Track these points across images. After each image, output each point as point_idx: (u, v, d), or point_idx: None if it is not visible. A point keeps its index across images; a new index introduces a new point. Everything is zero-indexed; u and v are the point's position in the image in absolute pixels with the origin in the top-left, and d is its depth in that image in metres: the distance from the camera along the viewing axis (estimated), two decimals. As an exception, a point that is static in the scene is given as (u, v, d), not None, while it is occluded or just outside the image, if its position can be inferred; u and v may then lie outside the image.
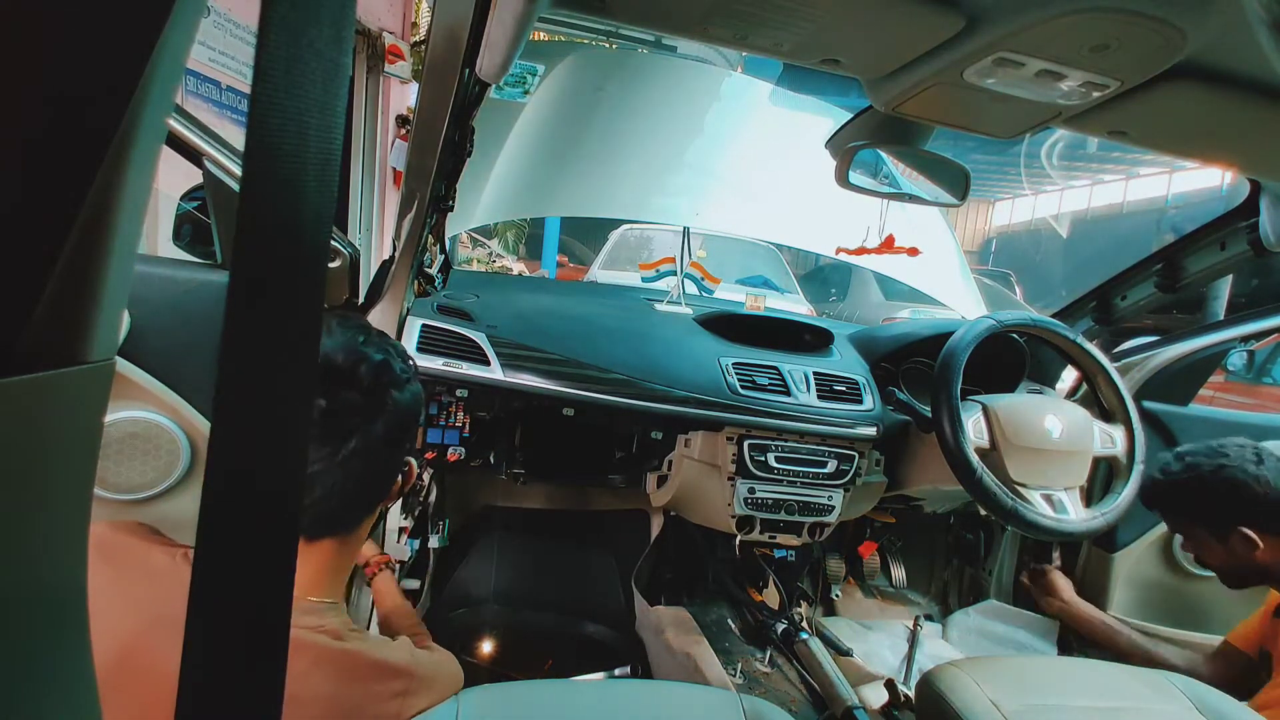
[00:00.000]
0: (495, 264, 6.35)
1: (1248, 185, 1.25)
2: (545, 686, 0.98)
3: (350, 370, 0.69)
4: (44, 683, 0.28)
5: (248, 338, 0.27)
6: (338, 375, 0.68)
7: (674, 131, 2.23)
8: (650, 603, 1.65)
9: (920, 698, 1.05)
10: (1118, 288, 1.60)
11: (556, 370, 1.34)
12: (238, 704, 0.29)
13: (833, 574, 1.93)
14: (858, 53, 0.81)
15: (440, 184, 1.15)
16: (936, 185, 1.29)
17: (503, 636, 1.76)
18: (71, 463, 0.28)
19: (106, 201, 0.25)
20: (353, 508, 0.73)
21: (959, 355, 1.32)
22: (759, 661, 1.55)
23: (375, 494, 0.76)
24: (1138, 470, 1.35)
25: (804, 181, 2.12)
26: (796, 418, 1.41)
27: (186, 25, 0.26)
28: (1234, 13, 0.61)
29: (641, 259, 3.89)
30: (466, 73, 0.85)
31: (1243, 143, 0.93)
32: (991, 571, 1.85)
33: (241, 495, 0.27)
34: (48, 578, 0.28)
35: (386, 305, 1.25)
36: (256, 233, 0.26)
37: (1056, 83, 0.76)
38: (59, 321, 0.25)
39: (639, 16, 0.80)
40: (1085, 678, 1.02)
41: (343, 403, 0.68)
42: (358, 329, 0.73)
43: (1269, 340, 5.26)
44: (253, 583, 0.28)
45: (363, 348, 0.70)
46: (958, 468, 1.28)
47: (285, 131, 0.26)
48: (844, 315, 5.94)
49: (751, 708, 0.72)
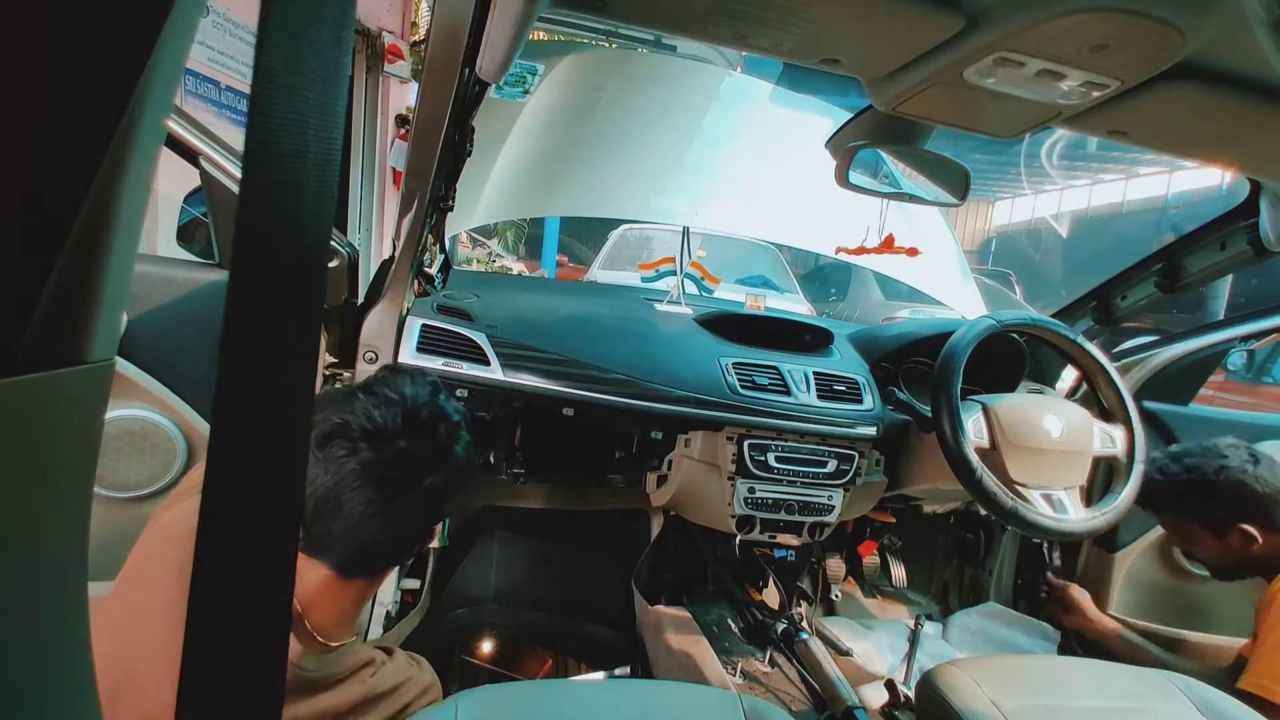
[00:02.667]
0: (495, 264, 6.35)
1: (1248, 185, 1.25)
2: (545, 686, 0.98)
3: (431, 424, 0.73)
4: (44, 683, 0.28)
5: (248, 338, 0.27)
6: (419, 427, 0.72)
7: (674, 131, 2.23)
8: (650, 603, 1.65)
9: (920, 698, 1.05)
10: (1118, 288, 1.60)
11: (556, 370, 1.34)
12: (238, 705, 0.29)
13: (833, 574, 1.93)
14: (858, 53, 0.81)
15: (440, 184, 1.15)
16: (936, 185, 1.29)
17: (503, 636, 1.76)
18: (71, 462, 0.28)
19: (106, 202, 0.25)
20: (393, 553, 0.77)
21: (959, 355, 1.32)
22: (759, 661, 1.55)
23: (415, 542, 0.79)
24: (1138, 470, 1.35)
25: (804, 181, 2.12)
26: (796, 417, 1.41)
27: (186, 25, 0.26)
28: (1234, 13, 0.61)
29: (641, 259, 3.89)
30: (466, 72, 0.85)
31: (1243, 143, 0.93)
32: (992, 571, 1.85)
33: (241, 495, 0.27)
34: (48, 577, 0.28)
35: (386, 305, 1.25)
36: (256, 233, 0.26)
37: (1056, 83, 0.76)
38: (59, 321, 0.25)
39: (639, 16, 0.80)
40: (1085, 678, 1.02)
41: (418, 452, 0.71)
42: (434, 385, 0.78)
43: (1269, 340, 5.26)
44: (253, 583, 0.28)
45: (444, 405, 0.76)
46: (958, 468, 1.28)
47: (285, 131, 0.26)
48: (844, 315, 5.94)
49: (751, 708, 0.72)
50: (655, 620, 1.60)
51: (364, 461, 0.67)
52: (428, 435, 0.72)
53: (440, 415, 0.74)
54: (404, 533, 0.73)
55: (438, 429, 0.73)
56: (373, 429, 0.69)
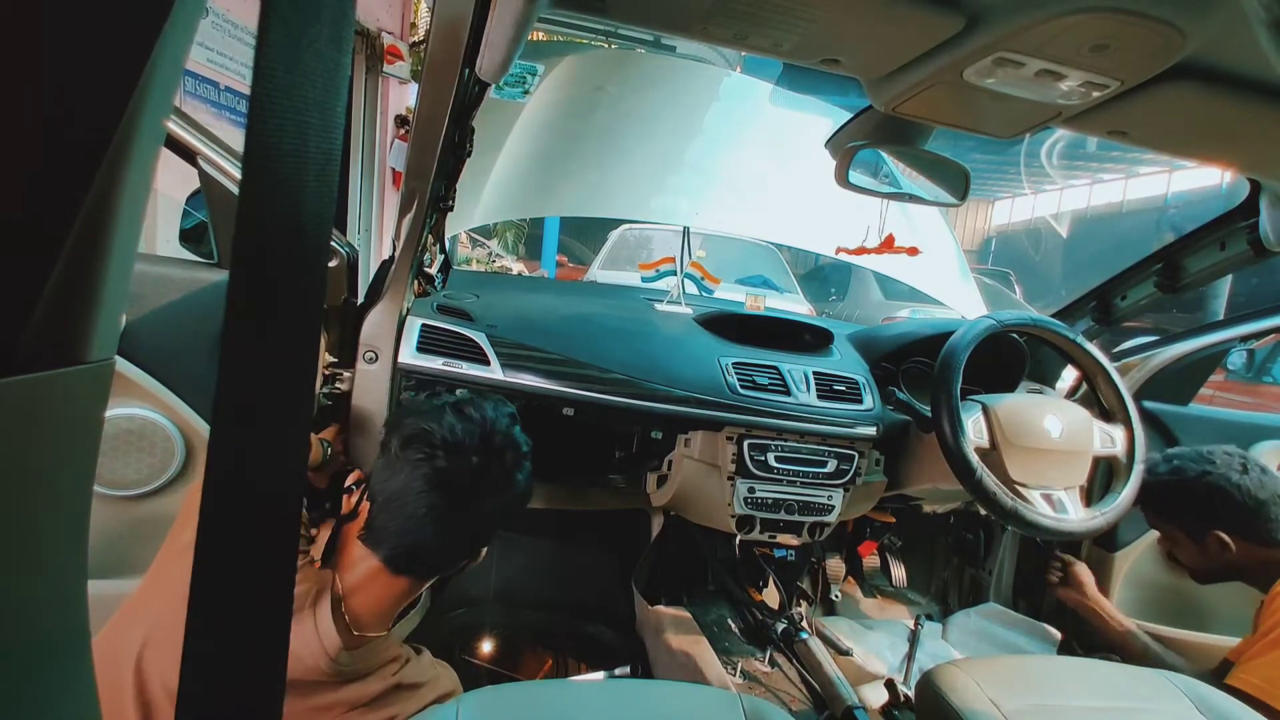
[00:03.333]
0: (495, 264, 6.35)
1: (1248, 185, 1.25)
2: (545, 687, 0.98)
3: (502, 449, 0.79)
4: (44, 682, 0.28)
5: (248, 337, 0.27)
6: (492, 449, 0.78)
7: (674, 131, 2.23)
8: (650, 603, 1.65)
9: (920, 698, 1.04)
10: (1117, 288, 1.60)
11: (556, 370, 1.34)
12: (238, 704, 0.29)
13: (833, 574, 1.93)
14: (858, 53, 0.81)
15: (440, 184, 1.15)
16: (936, 185, 1.29)
17: (503, 636, 1.76)
18: (71, 462, 0.28)
19: (106, 202, 0.25)
20: (441, 560, 0.81)
21: (959, 355, 1.32)
22: (759, 661, 1.55)
23: (464, 555, 0.83)
24: (1138, 470, 1.35)
25: (804, 181, 2.12)
26: (796, 417, 1.41)
27: (186, 26, 0.26)
28: (1234, 13, 0.61)
29: (641, 259, 3.89)
30: (466, 73, 0.85)
31: (1243, 143, 0.93)
32: (991, 571, 1.85)
33: (242, 495, 0.27)
34: (48, 578, 0.28)
35: (386, 305, 1.25)
36: (256, 232, 0.26)
37: (1056, 83, 0.75)
38: (59, 321, 0.25)
39: (639, 16, 0.80)
40: (1085, 678, 1.02)
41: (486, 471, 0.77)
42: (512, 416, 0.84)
43: (1269, 340, 5.26)
44: (253, 583, 0.28)
45: (517, 434, 0.82)
46: (958, 468, 1.28)
47: (285, 131, 0.26)
48: (844, 315, 5.94)
49: (751, 708, 0.72)
50: (655, 620, 1.60)
51: (437, 469, 0.73)
52: (498, 458, 0.78)
53: (511, 444, 0.80)
54: (456, 543, 0.79)
55: (506, 455, 0.78)
56: (453, 441, 0.75)
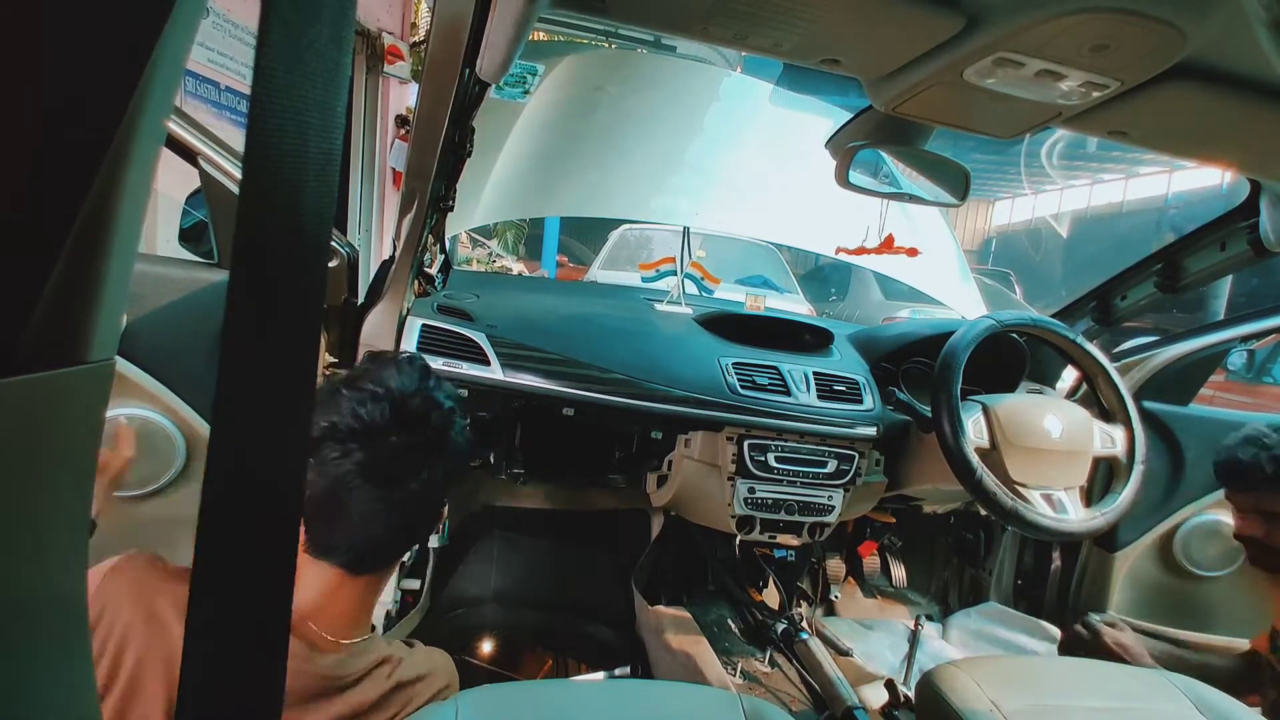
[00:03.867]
0: (495, 264, 6.35)
1: (1248, 185, 1.25)
2: (545, 686, 0.98)
3: (422, 415, 0.70)
4: (44, 682, 0.28)
5: (248, 337, 0.27)
6: (411, 418, 0.69)
7: (674, 131, 2.23)
8: (650, 603, 1.65)
9: (920, 698, 1.04)
10: (1118, 288, 1.59)
11: (556, 370, 1.34)
12: (238, 704, 0.29)
13: (833, 574, 1.93)
14: (858, 53, 0.81)
15: (440, 184, 1.15)
16: (936, 185, 1.29)
17: (503, 636, 1.76)
18: (71, 462, 0.28)
19: (106, 202, 0.25)
20: (399, 546, 0.75)
21: (959, 355, 1.32)
22: (759, 661, 1.55)
23: (422, 532, 0.77)
24: (1138, 470, 1.35)
25: (804, 181, 2.12)
26: (796, 418, 1.41)
27: (186, 26, 0.26)
28: (1234, 13, 0.61)
29: (641, 259, 3.88)
30: (466, 73, 0.85)
31: (1243, 143, 0.93)
32: (991, 571, 1.85)
33: (242, 495, 0.27)
34: (48, 577, 0.28)
35: (386, 305, 1.26)
36: (256, 232, 0.26)
37: (1056, 83, 0.75)
38: (59, 321, 0.25)
39: (639, 16, 0.80)
40: (1085, 678, 1.02)
41: (413, 445, 0.69)
42: (422, 371, 0.74)
43: (1269, 340, 5.26)
44: (253, 583, 0.28)
45: (433, 393, 0.72)
46: (958, 468, 1.28)
47: (285, 131, 0.26)
48: (844, 315, 5.93)
49: (751, 708, 0.72)
50: (655, 620, 1.60)
51: (358, 462, 0.65)
52: (420, 427, 0.69)
53: (431, 404, 0.70)
54: (409, 525, 0.72)
55: (429, 419, 0.70)
56: (361, 428, 0.66)
